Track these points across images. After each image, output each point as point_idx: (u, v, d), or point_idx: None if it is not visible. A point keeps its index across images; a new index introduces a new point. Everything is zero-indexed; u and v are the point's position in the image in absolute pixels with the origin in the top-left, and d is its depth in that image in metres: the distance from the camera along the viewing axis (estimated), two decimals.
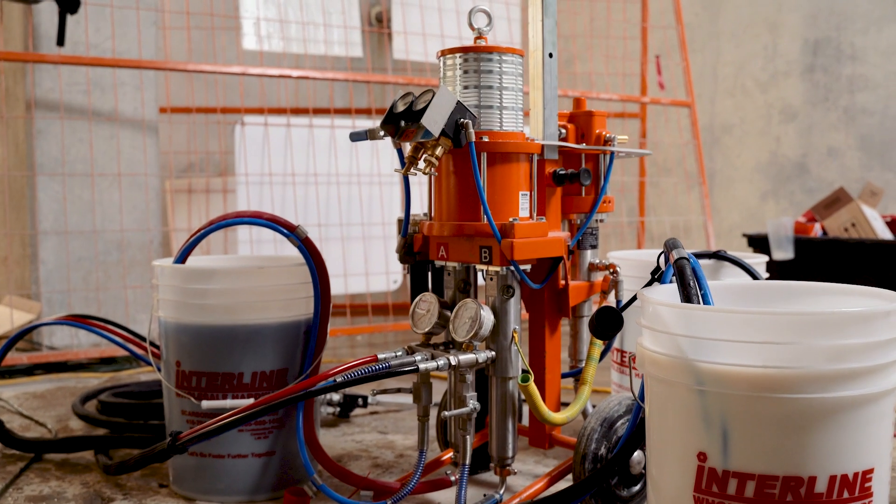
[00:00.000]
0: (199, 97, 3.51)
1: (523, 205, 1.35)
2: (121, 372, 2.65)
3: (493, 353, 1.32)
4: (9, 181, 3.00)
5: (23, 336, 1.71)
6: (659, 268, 1.20)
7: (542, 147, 1.39)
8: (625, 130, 4.08)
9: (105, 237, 2.90)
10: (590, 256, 1.52)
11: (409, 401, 2.13)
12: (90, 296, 2.89)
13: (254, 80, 3.62)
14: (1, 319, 2.77)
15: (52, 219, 2.83)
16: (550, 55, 1.42)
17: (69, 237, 2.84)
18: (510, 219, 1.29)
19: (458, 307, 1.32)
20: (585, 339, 1.53)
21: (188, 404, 1.46)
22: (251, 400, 1.42)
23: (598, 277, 1.52)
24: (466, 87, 1.33)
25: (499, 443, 1.36)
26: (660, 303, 1.00)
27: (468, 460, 1.32)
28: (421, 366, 1.26)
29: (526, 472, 1.61)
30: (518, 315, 1.34)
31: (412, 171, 1.31)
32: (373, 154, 3.21)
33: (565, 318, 1.49)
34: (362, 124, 3.41)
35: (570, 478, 1.38)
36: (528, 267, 1.32)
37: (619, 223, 4.09)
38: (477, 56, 1.32)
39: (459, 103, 1.25)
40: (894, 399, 0.95)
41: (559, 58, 1.45)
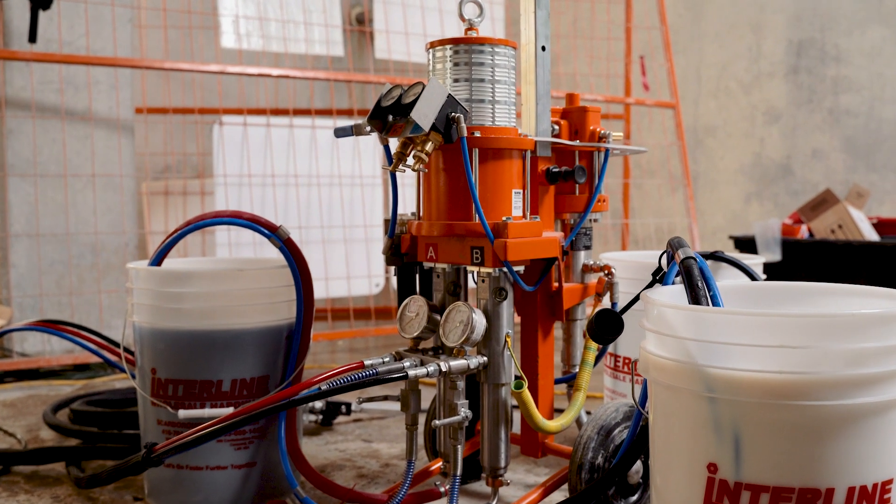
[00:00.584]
0: (175, 97, 3.43)
1: (516, 203, 1.29)
2: (95, 379, 2.57)
3: (486, 359, 1.26)
4: None
5: None
6: (661, 268, 1.15)
7: (535, 144, 1.34)
8: None
9: (79, 240, 2.82)
10: (583, 258, 1.47)
11: (395, 408, 2.07)
12: (63, 300, 2.80)
13: (232, 80, 3.55)
14: None
15: (23, 221, 2.74)
16: (543, 48, 1.37)
17: (41, 240, 2.75)
18: (503, 218, 1.23)
19: (448, 311, 1.26)
20: (579, 343, 1.47)
21: (164, 414, 1.39)
22: (231, 409, 1.36)
23: (592, 279, 1.46)
24: (457, 81, 1.27)
25: (491, 452, 1.30)
26: (667, 305, 0.94)
27: (459, 471, 1.26)
28: (410, 372, 1.20)
29: (517, 481, 1.56)
30: (511, 319, 1.28)
31: (400, 168, 1.25)
32: (354, 155, 3.14)
33: (558, 322, 1.44)
34: (344, 125, 3.34)
35: (566, 488, 1.33)
36: (521, 268, 1.27)
37: (604, 225, 4.05)
38: (468, 48, 1.26)
39: (450, 96, 1.19)
40: None
41: None
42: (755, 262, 1.57)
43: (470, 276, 1.34)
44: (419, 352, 1.30)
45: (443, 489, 1.36)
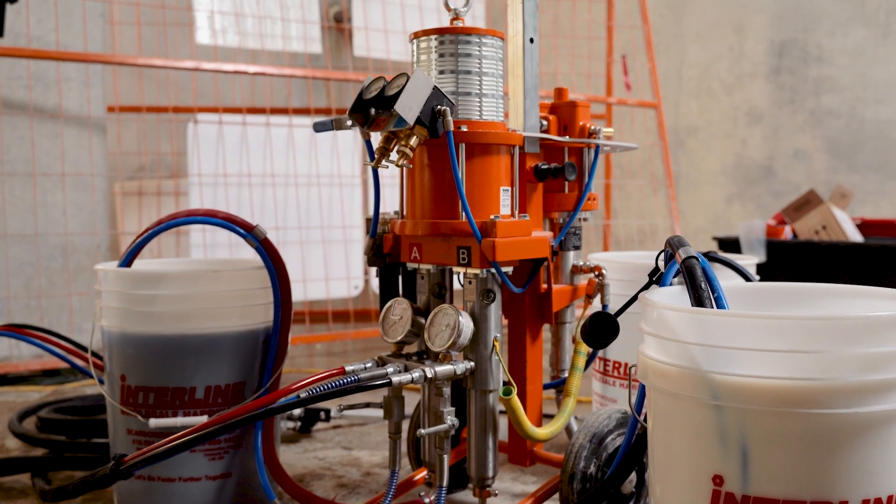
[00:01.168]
0: (149, 96, 3.34)
1: (505, 201, 1.23)
2: (65, 385, 2.49)
3: (473, 364, 1.20)
4: None
5: None
6: (657, 269, 1.09)
7: (523, 140, 1.28)
8: None
9: (48, 241, 2.73)
10: (573, 258, 1.41)
11: (375, 414, 2.01)
12: (32, 304, 2.71)
13: (207, 78, 3.47)
14: None
15: None
16: (532, 40, 1.31)
17: (9, 241, 2.66)
18: (491, 216, 1.17)
19: (433, 314, 1.20)
20: (568, 347, 1.42)
21: (134, 423, 1.33)
22: (205, 418, 1.30)
23: (582, 281, 1.41)
24: (442, 73, 1.21)
25: (478, 462, 1.24)
26: (668, 307, 0.89)
27: (445, 482, 1.20)
28: (394, 378, 1.14)
29: (503, 490, 1.50)
30: (499, 322, 1.23)
31: (383, 164, 1.19)
32: (333, 154, 3.08)
33: (546, 325, 1.39)
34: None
35: (557, 497, 1.27)
36: (509, 269, 1.21)
37: (584, 226, 4.00)
38: (454, 38, 1.20)
39: (436, 88, 1.13)
40: None
41: None
42: (748, 262, 1.52)
43: (456, 277, 1.28)
44: (403, 356, 1.24)
45: (428, 500, 1.29)
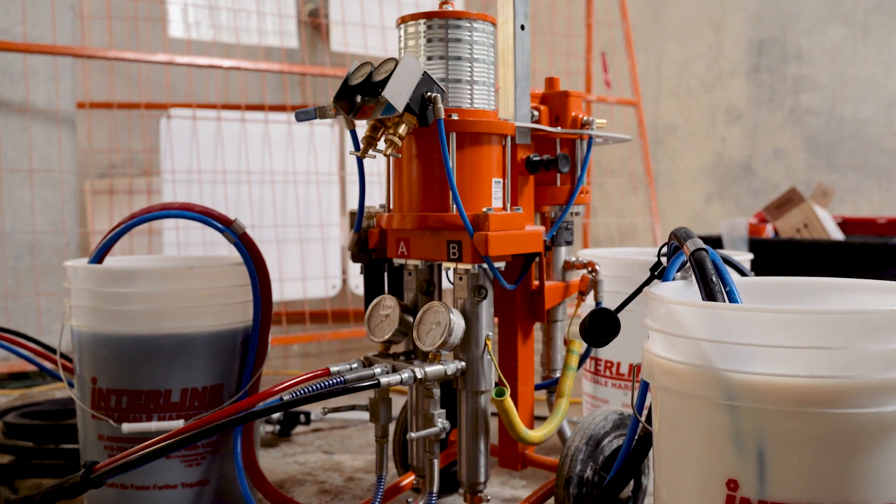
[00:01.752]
0: (121, 92, 3.26)
1: (496, 193, 1.18)
2: (33, 388, 2.40)
3: (464, 364, 1.15)
4: None
5: None
6: (660, 263, 1.05)
7: (515, 129, 1.23)
8: None
9: (15, 239, 2.64)
10: (565, 254, 1.36)
11: (357, 416, 1.95)
12: None
13: (181, 73, 3.39)
14: None
15: None
16: (522, 27, 1.26)
17: None
18: (483, 209, 1.12)
19: (422, 311, 1.14)
20: (560, 346, 1.37)
21: (106, 428, 1.26)
22: (181, 422, 1.23)
23: (574, 277, 1.36)
24: (431, 59, 1.15)
25: (469, 466, 1.19)
26: (678, 302, 0.84)
27: (436, 488, 1.14)
28: (382, 380, 1.08)
29: (493, 495, 1.44)
30: (491, 320, 1.17)
31: (370, 153, 1.13)
32: (310, 151, 3.01)
33: (538, 323, 1.34)
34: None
35: (551, 502, 1.22)
36: (501, 265, 1.16)
37: None
38: (444, 22, 1.15)
39: (426, 74, 1.08)
40: None
41: None
42: (743, 258, 1.48)
43: (445, 273, 1.23)
44: (390, 356, 1.19)
45: None
